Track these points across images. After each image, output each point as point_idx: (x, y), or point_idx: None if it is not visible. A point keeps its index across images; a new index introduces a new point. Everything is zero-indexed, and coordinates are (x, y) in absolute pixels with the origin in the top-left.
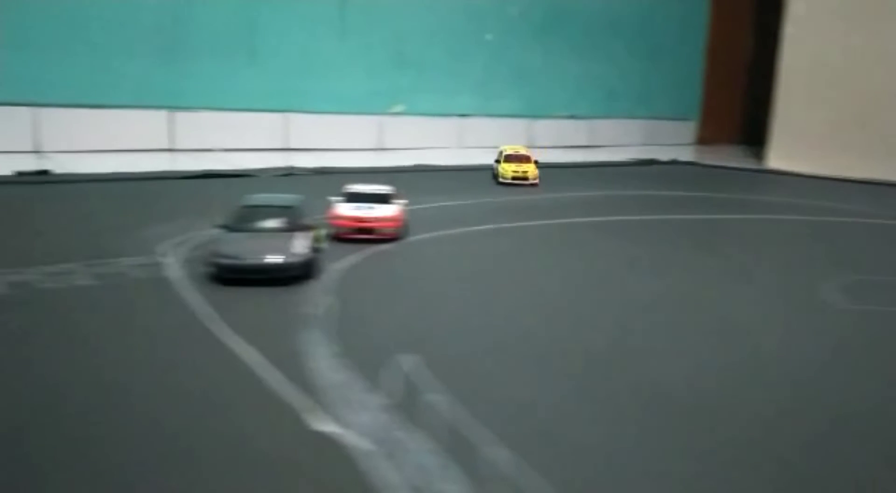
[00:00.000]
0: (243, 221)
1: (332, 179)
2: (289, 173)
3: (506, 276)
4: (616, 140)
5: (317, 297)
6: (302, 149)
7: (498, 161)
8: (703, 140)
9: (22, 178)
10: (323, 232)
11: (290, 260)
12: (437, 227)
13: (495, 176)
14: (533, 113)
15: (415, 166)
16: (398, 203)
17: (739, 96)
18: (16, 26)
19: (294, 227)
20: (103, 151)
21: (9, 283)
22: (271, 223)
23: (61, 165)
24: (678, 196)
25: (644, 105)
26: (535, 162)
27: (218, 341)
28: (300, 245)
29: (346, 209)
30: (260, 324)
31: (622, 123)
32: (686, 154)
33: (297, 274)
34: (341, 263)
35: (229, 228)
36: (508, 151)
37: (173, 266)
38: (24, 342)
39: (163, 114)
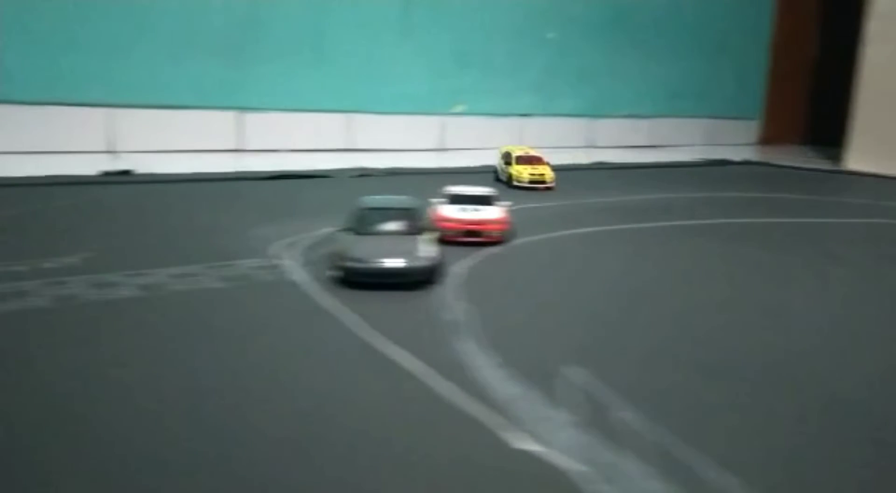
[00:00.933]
0: (365, 223)
1: (405, 180)
2: (363, 174)
3: (637, 280)
4: (677, 140)
5: (451, 302)
6: (364, 149)
7: (508, 163)
8: (766, 140)
9: (107, 178)
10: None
11: (424, 264)
12: (535, 229)
13: (505, 179)
14: (594, 112)
15: (483, 167)
16: (502, 205)
17: (804, 95)
18: (89, 29)
19: (417, 230)
20: (174, 151)
21: (138, 285)
22: (394, 226)
23: (135, 164)
24: (768, 198)
25: (706, 104)
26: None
27: (374, 349)
28: (429, 249)
29: (451, 211)
30: (409, 331)
31: (683, 123)
32: (749, 154)
33: (426, 278)
34: (456, 267)
35: (352, 230)
36: (517, 151)
37: (294, 269)
38: (175, 344)
39: (231, 115)
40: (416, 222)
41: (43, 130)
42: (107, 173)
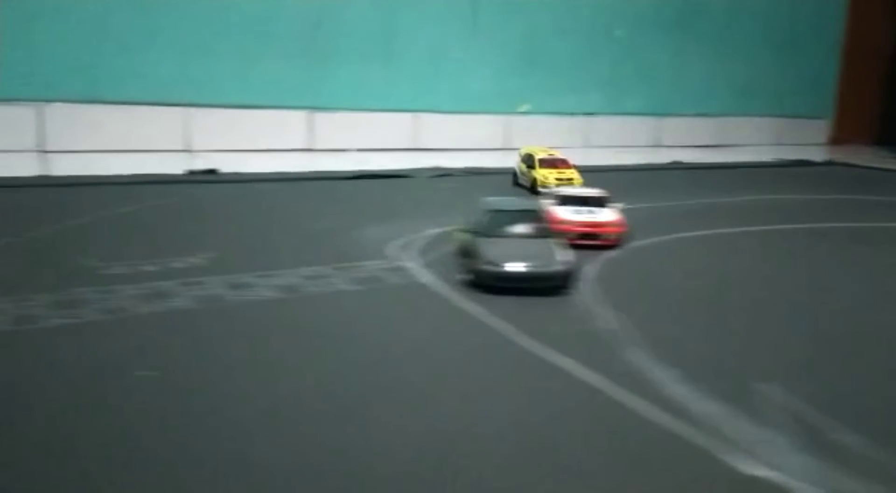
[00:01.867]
0: (492, 225)
1: (484, 180)
2: (445, 174)
3: (782, 284)
4: (745, 139)
5: (595, 309)
6: (431, 149)
7: (530, 166)
8: (837, 140)
9: (193, 177)
10: None
11: (564, 268)
12: (643, 232)
13: (527, 184)
14: (661, 111)
15: None
16: (614, 206)
17: (877, 94)
18: (166, 30)
19: (543, 232)
20: (248, 150)
21: (275, 286)
22: (521, 229)
23: (210, 163)
24: (868, 201)
25: (776, 103)
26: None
27: (540, 358)
28: (566, 253)
29: (567, 214)
30: (567, 339)
31: (752, 122)
32: (820, 154)
33: (563, 284)
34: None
35: (475, 232)
36: (540, 153)
37: (419, 271)
38: (325, 347)
39: (303, 114)
40: (542, 225)
41: (125, 128)
42: (192, 172)
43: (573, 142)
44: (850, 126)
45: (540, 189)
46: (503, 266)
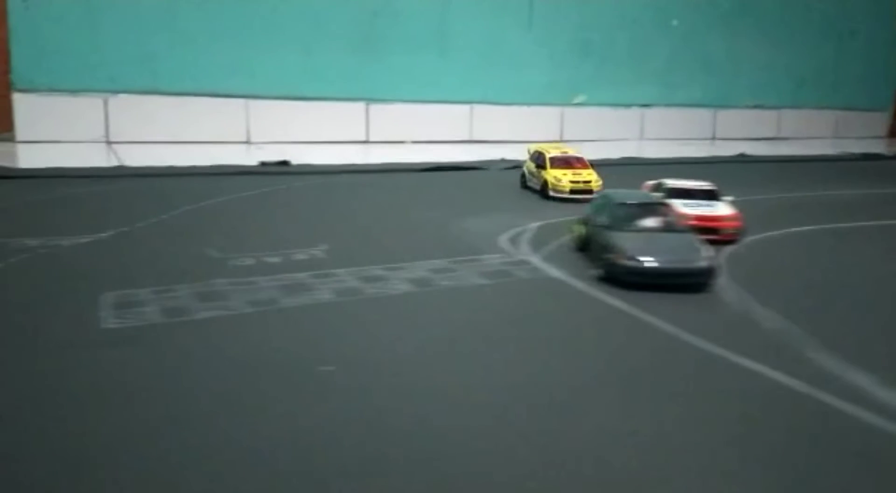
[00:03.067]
0: (624, 220)
1: None
2: (516, 166)
3: None
4: (804, 132)
5: (749, 307)
6: (486, 140)
7: (541, 166)
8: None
9: (265, 168)
10: None
11: (710, 264)
12: (755, 227)
13: (537, 186)
14: (717, 103)
15: (623, 159)
16: (726, 200)
17: None
18: (227, 22)
19: (671, 226)
20: (309, 142)
21: (407, 279)
22: (653, 222)
23: (270, 155)
24: None
25: (834, 95)
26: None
27: (722, 359)
28: (707, 247)
29: (683, 207)
30: (739, 338)
31: (810, 114)
32: (882, 147)
33: (708, 280)
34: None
35: (612, 227)
36: (552, 151)
37: (542, 265)
38: (487, 342)
39: (360, 106)
40: (672, 218)
41: (185, 119)
42: (264, 163)
43: (628, 134)
44: None
45: (552, 193)
46: (648, 261)
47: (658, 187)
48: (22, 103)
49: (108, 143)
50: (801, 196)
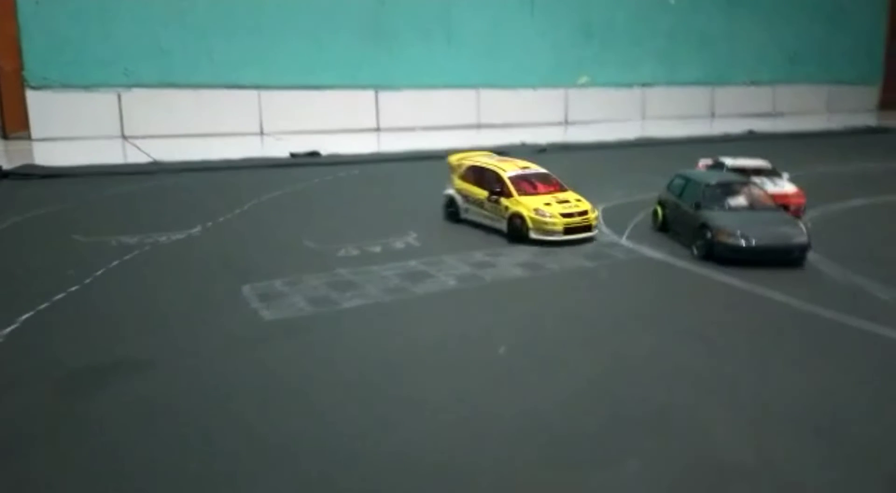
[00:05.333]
0: (716, 199)
1: (580, 156)
2: (543, 150)
3: None
4: (799, 107)
5: (853, 279)
6: (492, 125)
7: (499, 193)
8: (887, 105)
9: (296, 159)
10: None
11: (807, 239)
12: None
13: (488, 222)
14: (714, 80)
15: (638, 139)
16: (786, 177)
17: None
18: (237, 13)
19: (763, 205)
20: (318, 131)
21: (514, 264)
22: (744, 201)
23: (286, 146)
24: None
25: (825, 69)
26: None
27: (858, 329)
28: (799, 223)
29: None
30: (863, 308)
31: (804, 89)
32: (874, 120)
33: (803, 254)
34: None
35: (706, 206)
36: (506, 167)
37: (632, 245)
38: (598, 326)
39: (370, 94)
40: (758, 195)
41: (198, 112)
42: (294, 155)
43: (631, 114)
44: None
45: (534, 235)
46: (751, 239)
47: (717, 165)
48: (36, 101)
49: (124, 137)
50: (833, 170)
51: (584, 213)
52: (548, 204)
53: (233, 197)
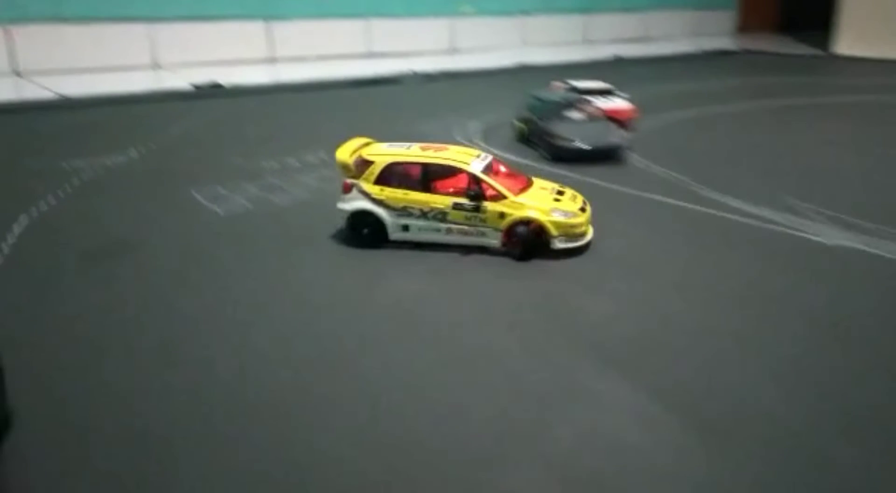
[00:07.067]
0: (555, 112)
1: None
2: (431, 78)
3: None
4: (665, 32)
5: (651, 167)
6: (382, 54)
7: (477, 197)
8: (744, 29)
9: (200, 91)
10: None
11: (625, 142)
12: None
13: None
14: (589, 8)
15: (516, 65)
16: (622, 97)
17: None
18: None
19: (594, 117)
20: (214, 63)
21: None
22: (579, 114)
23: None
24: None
25: None
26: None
27: (649, 198)
28: (619, 131)
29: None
30: (654, 185)
31: (669, 16)
32: (731, 43)
33: (621, 154)
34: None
35: (547, 119)
36: (463, 160)
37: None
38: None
39: (260, 24)
40: (591, 109)
41: (90, 46)
42: (197, 87)
43: (514, 41)
44: (754, 15)
45: (559, 245)
46: (582, 142)
47: (568, 88)
48: None
49: (17, 74)
50: (678, 89)
51: (578, 225)
52: (556, 199)
53: (151, 126)
